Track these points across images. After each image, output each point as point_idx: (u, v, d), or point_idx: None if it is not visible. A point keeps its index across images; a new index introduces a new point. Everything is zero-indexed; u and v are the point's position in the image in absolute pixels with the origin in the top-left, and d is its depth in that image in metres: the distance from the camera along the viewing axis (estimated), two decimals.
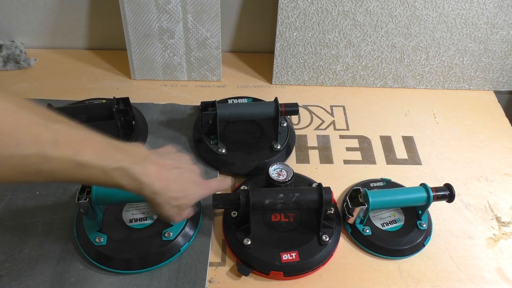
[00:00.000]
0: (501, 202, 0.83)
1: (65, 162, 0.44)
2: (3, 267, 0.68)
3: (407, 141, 0.93)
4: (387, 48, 0.99)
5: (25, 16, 1.04)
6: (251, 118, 0.87)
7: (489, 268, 0.73)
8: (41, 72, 1.04)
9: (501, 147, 0.93)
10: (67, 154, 0.44)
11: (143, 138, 0.89)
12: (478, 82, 1.06)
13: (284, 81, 1.05)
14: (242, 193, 0.68)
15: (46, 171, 0.43)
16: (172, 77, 1.04)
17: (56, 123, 0.45)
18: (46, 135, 0.43)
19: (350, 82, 1.05)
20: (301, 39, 0.97)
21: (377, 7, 0.92)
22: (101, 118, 0.83)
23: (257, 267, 0.69)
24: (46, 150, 0.43)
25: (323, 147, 0.91)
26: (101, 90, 1.00)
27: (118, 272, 0.68)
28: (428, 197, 0.72)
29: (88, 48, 1.12)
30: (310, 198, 0.69)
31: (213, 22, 0.96)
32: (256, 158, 0.84)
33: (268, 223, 0.74)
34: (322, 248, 0.71)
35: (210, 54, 1.01)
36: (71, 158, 0.45)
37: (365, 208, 0.71)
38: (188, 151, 0.87)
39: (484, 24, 0.95)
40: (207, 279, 0.69)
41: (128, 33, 0.97)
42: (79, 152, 0.45)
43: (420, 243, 0.74)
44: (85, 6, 1.03)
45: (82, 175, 0.47)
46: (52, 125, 0.44)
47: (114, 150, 0.50)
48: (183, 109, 0.96)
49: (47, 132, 0.43)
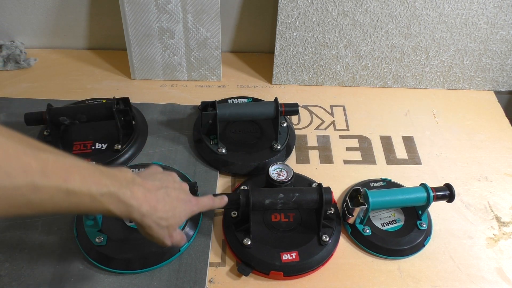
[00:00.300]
0: (501, 202, 0.83)
1: (55, 190, 0.44)
2: (3, 267, 0.68)
3: (407, 141, 0.93)
4: (387, 48, 0.99)
5: (25, 16, 1.04)
6: (251, 118, 0.87)
7: (489, 268, 0.73)
8: (41, 72, 1.04)
9: (501, 147, 0.93)
10: (56, 182, 0.44)
11: (143, 138, 0.89)
12: (478, 82, 1.06)
13: (284, 81, 1.05)
14: (242, 193, 0.68)
15: (36, 201, 0.43)
16: (172, 77, 1.04)
17: (43, 152, 0.45)
18: (35, 164, 0.43)
19: (350, 82, 1.05)
20: (301, 39, 0.97)
21: (377, 7, 0.92)
22: (101, 118, 0.83)
23: (257, 267, 0.69)
24: (35, 179, 0.42)
25: (323, 147, 0.91)
26: (101, 90, 1.00)
27: (118, 272, 0.68)
28: (428, 197, 0.72)
29: (88, 48, 1.12)
30: (310, 198, 0.69)
31: (213, 22, 0.96)
32: (256, 158, 0.84)
33: (268, 223, 0.74)
34: (322, 248, 0.71)
35: (210, 54, 1.01)
36: (60, 186, 0.44)
37: (365, 208, 0.71)
38: (188, 151, 0.87)
39: (484, 24, 0.95)
40: (207, 279, 0.69)
41: (128, 33, 0.97)
42: (67, 180, 0.45)
43: (420, 243, 0.74)
44: (85, 6, 1.03)
45: (71, 203, 0.46)
46: (40, 154, 0.44)
47: (101, 176, 0.50)
48: (183, 109, 0.96)
49: (36, 162, 0.43)
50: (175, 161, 0.85)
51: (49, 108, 0.81)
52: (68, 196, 0.45)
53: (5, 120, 0.91)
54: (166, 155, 0.86)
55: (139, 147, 0.87)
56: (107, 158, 0.83)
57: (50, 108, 0.81)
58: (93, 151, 0.84)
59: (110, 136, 0.86)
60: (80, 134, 0.87)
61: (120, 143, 0.84)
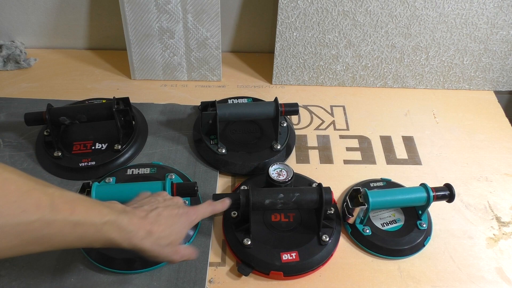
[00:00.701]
0: (501, 202, 0.83)
1: (63, 223, 0.46)
2: (3, 267, 0.68)
3: (407, 141, 0.93)
4: (387, 48, 0.99)
5: (25, 16, 1.04)
6: (251, 118, 0.87)
7: (489, 268, 0.73)
8: (41, 72, 1.04)
9: (501, 147, 0.93)
10: (64, 215, 0.46)
11: (143, 138, 0.89)
12: (478, 82, 1.06)
13: (284, 81, 1.05)
14: (242, 193, 0.68)
15: (46, 236, 0.45)
16: (172, 77, 1.04)
17: (49, 187, 0.47)
18: (45, 199, 0.45)
19: (350, 82, 1.05)
20: (301, 39, 0.97)
21: (377, 7, 0.92)
22: (101, 118, 0.83)
23: (257, 267, 0.69)
24: (46, 214, 0.44)
25: (323, 147, 0.91)
26: (101, 90, 1.00)
27: (118, 272, 0.68)
28: (428, 197, 0.72)
29: (88, 48, 1.12)
30: (310, 198, 0.69)
31: (213, 22, 0.96)
32: (256, 158, 0.84)
33: (268, 223, 0.74)
34: (322, 248, 0.71)
35: (210, 54, 1.01)
36: (68, 218, 0.46)
37: (365, 208, 0.71)
38: (188, 151, 0.87)
39: (484, 24, 0.95)
40: (207, 279, 0.69)
41: (128, 33, 0.97)
42: (73, 212, 0.47)
43: (420, 243, 0.74)
44: (85, 6, 1.03)
45: (77, 235, 0.48)
46: (48, 189, 0.46)
47: (100, 206, 0.52)
48: (183, 109, 0.96)
49: (45, 197, 0.45)
50: (175, 161, 0.85)
51: (49, 108, 0.81)
52: (74, 228, 0.47)
53: (5, 120, 0.91)
54: (166, 155, 0.86)
55: (139, 147, 0.87)
56: (107, 158, 0.83)
57: (50, 108, 0.81)
58: (93, 151, 0.84)
59: (110, 136, 0.86)
60: (80, 134, 0.87)
61: (120, 143, 0.84)
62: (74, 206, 0.48)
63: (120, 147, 0.84)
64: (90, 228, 0.49)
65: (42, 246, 0.45)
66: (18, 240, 0.42)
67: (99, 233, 0.50)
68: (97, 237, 0.50)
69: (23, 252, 0.44)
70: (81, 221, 0.47)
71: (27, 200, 0.43)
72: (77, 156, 0.83)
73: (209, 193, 0.79)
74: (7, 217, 0.41)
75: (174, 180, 0.77)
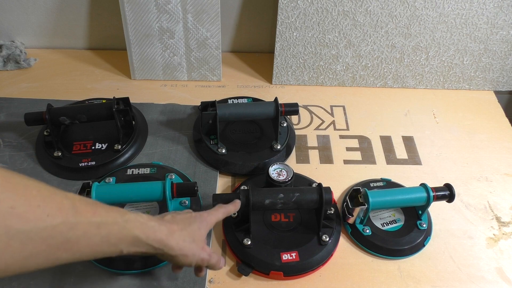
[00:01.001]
0: (501, 202, 0.83)
1: (87, 225, 0.46)
2: None
3: (407, 141, 0.93)
4: (387, 48, 0.99)
5: (25, 16, 1.04)
6: (251, 118, 0.87)
7: (489, 268, 0.73)
8: (41, 72, 1.04)
9: (501, 147, 0.93)
10: (86, 217, 0.46)
11: (143, 138, 0.89)
12: (478, 82, 1.06)
13: (284, 81, 1.05)
14: (242, 193, 0.68)
15: (72, 239, 0.45)
16: (172, 77, 1.04)
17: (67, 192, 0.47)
18: (67, 203, 0.45)
19: (350, 82, 1.05)
20: (301, 39, 0.97)
21: (377, 7, 0.92)
22: (101, 118, 0.83)
23: (257, 267, 0.69)
24: (69, 217, 0.44)
25: (323, 147, 0.91)
26: (101, 90, 1.00)
27: (118, 272, 0.68)
28: (428, 197, 0.72)
29: (88, 48, 1.12)
30: (310, 198, 0.69)
31: (213, 22, 0.96)
32: (256, 158, 0.84)
33: (268, 223, 0.74)
34: (322, 248, 0.71)
35: (210, 54, 1.01)
36: (91, 220, 0.47)
37: (365, 208, 0.71)
38: (188, 151, 0.87)
39: (484, 24, 0.95)
40: (207, 279, 0.69)
41: (128, 33, 0.97)
42: (95, 213, 0.48)
43: (420, 243, 0.74)
44: (85, 6, 1.03)
45: (103, 236, 0.48)
46: (67, 194, 0.47)
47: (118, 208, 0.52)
48: (183, 109, 0.96)
49: (67, 200, 0.45)
50: (175, 161, 0.85)
51: (49, 108, 0.81)
52: (98, 229, 0.47)
53: (5, 120, 0.91)
54: (166, 155, 0.86)
55: (139, 147, 0.87)
56: (107, 158, 0.83)
57: (50, 108, 0.81)
58: (93, 151, 0.84)
59: (110, 136, 0.86)
60: (80, 134, 0.87)
61: (120, 143, 0.84)
62: (95, 208, 0.48)
63: (120, 147, 0.84)
64: (114, 227, 0.49)
65: (70, 252, 0.45)
66: (44, 245, 0.42)
67: (124, 230, 0.50)
68: (122, 235, 0.50)
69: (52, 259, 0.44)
70: (103, 221, 0.48)
71: (50, 204, 0.43)
72: (77, 156, 0.83)
73: (209, 193, 0.79)
74: (33, 222, 0.41)
75: (174, 180, 0.77)
